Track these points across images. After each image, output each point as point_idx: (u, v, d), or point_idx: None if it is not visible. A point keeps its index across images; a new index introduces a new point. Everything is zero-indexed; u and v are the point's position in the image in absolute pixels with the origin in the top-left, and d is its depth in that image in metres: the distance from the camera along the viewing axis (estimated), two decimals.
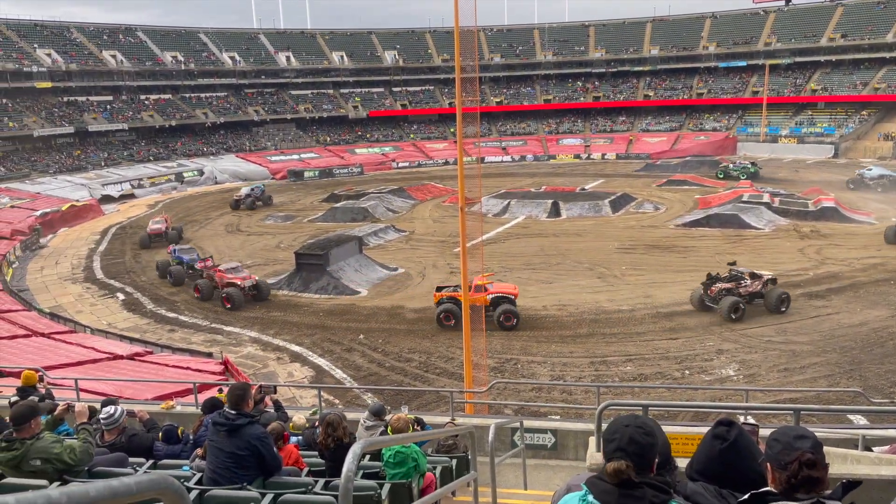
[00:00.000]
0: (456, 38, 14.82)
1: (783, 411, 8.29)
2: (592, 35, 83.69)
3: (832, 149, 62.28)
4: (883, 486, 4.23)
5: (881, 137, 61.93)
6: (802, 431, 2.37)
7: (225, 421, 4.67)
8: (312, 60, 79.16)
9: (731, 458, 2.57)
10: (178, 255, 31.12)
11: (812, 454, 2.26)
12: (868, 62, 68.53)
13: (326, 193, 51.70)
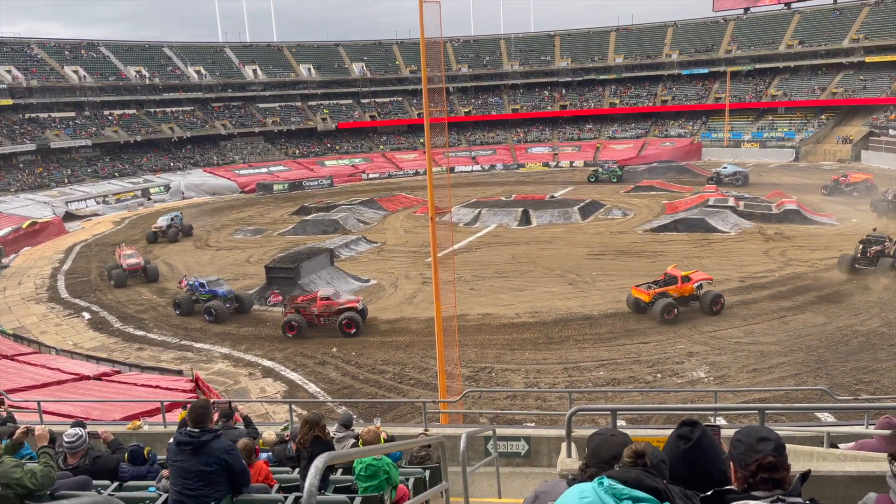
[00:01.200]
0: (422, 49, 14.88)
1: (749, 411, 8.43)
2: (558, 45, 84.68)
3: (793, 153, 63.71)
4: (848, 482, 4.31)
5: (840, 141, 63.53)
6: (765, 433, 2.39)
7: (189, 439, 4.59)
8: (279, 73, 78.77)
9: (694, 458, 2.59)
10: (210, 288, 26.65)
11: (773, 457, 2.28)
12: (825, 68, 70.34)
13: (296, 206, 51.36)
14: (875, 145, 59.70)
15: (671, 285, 23.90)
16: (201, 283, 27.15)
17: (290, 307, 24.45)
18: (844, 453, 5.48)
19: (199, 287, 27.02)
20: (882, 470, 4.61)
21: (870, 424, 8.06)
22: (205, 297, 26.54)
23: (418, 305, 26.40)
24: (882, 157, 57.33)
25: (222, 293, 26.62)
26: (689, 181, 53.51)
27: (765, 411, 4.75)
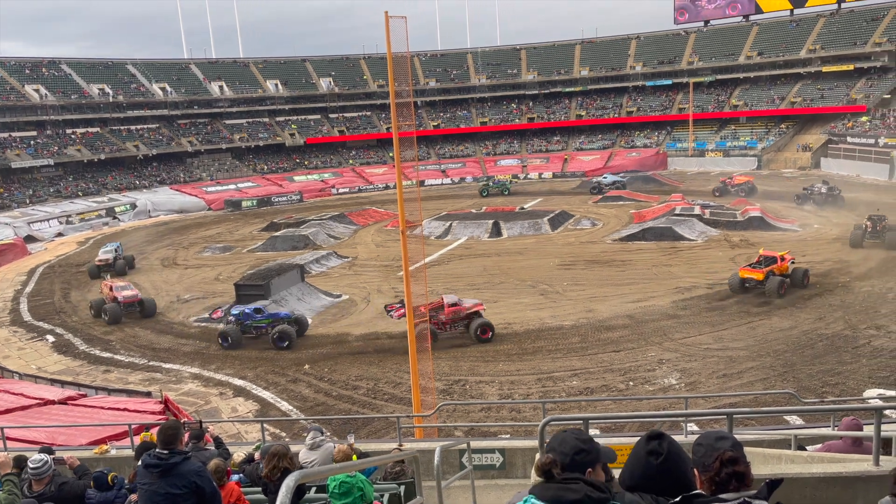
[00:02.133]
0: (389, 64, 14.94)
1: (718, 416, 8.54)
2: (524, 58, 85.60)
3: (756, 161, 65.10)
4: (815, 484, 4.39)
5: (800, 148, 65.10)
6: (722, 433, 2.48)
7: (157, 461, 4.49)
8: (246, 89, 78.29)
9: (668, 469, 2.62)
10: (270, 312, 24.77)
11: (732, 452, 2.36)
12: (784, 78, 72.16)
13: (265, 222, 50.94)
14: (834, 152, 61.30)
15: (773, 264, 26.50)
16: (256, 308, 24.94)
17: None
18: (812, 455, 5.59)
19: (252, 315, 24.70)
20: (847, 471, 4.74)
21: (836, 426, 8.22)
22: (266, 321, 24.49)
23: (391, 320, 26.26)
24: (841, 164, 58.90)
25: (285, 315, 24.96)
26: (655, 191, 54.35)
27: (733, 416, 4.83)
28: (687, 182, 57.45)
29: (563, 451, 2.67)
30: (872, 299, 24.91)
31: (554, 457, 2.59)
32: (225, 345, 24.26)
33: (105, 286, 30.56)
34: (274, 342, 23.90)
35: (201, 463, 4.91)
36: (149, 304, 29.27)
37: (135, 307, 28.83)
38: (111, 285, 29.93)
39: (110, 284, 30.16)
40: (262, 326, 24.61)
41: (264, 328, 24.60)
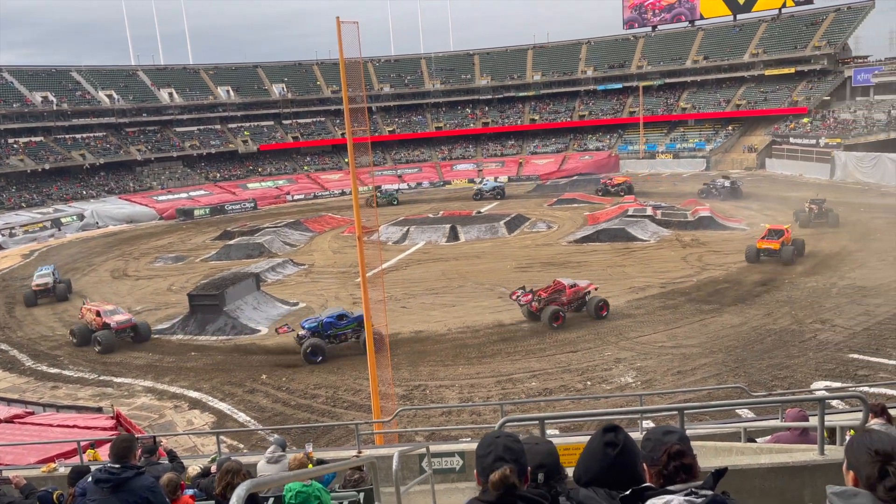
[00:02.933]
0: (342, 69, 14.87)
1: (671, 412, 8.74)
2: (477, 63, 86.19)
3: (704, 162, 66.79)
4: (763, 474, 4.52)
5: (745, 150, 67.07)
6: (670, 428, 2.55)
7: (109, 476, 4.36)
8: (197, 96, 76.94)
9: (623, 462, 2.67)
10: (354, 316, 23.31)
11: (679, 445, 2.42)
12: (729, 81, 74.29)
13: (219, 231, 50.05)
14: (778, 153, 63.32)
15: (783, 236, 30.68)
16: (339, 314, 23.59)
17: (535, 301, 24.65)
18: (761, 447, 5.75)
19: (335, 322, 23.33)
20: (793, 461, 4.90)
21: (784, 418, 8.48)
22: (350, 326, 23.29)
23: None
24: (784, 164, 60.88)
25: (359, 317, 22.83)
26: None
27: (684, 411, 4.95)
28: (638, 184, 58.49)
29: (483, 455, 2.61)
30: (817, 294, 25.78)
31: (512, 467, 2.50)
32: (316, 360, 22.50)
33: (88, 311, 26.98)
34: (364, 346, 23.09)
35: (154, 478, 4.80)
36: (142, 328, 26.47)
37: (127, 332, 26.08)
38: (97, 310, 26.55)
39: (96, 309, 26.68)
40: (346, 332, 23.53)
41: (350, 333, 23.52)
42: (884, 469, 2.15)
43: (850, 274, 28.21)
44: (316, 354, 22.56)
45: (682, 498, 2.30)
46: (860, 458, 2.24)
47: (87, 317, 26.86)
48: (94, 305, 27.68)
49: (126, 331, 26.03)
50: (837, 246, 33.13)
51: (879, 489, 2.14)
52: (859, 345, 20.41)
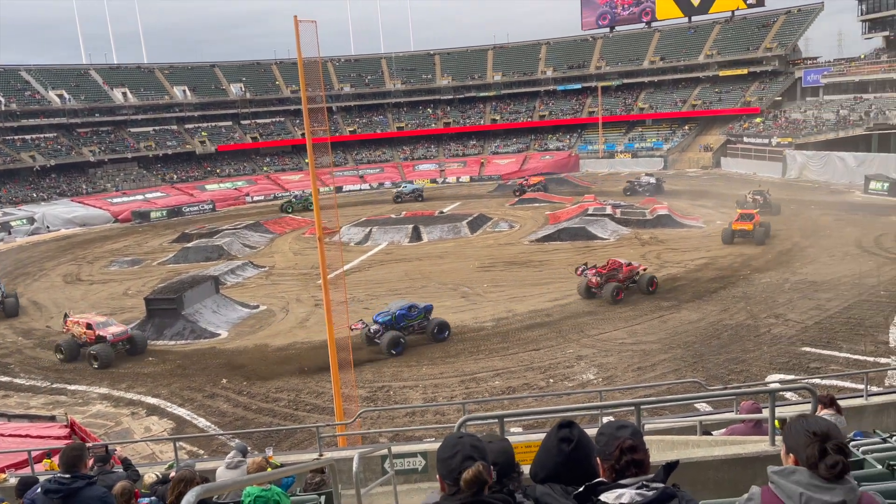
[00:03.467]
0: (300, 69, 14.74)
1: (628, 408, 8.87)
2: (438, 63, 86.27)
3: (662, 161, 68.00)
4: (717, 466, 4.62)
5: (702, 149, 68.49)
6: (623, 423, 2.59)
7: (59, 486, 4.24)
8: (152, 96, 75.34)
9: (578, 457, 2.70)
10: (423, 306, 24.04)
11: (631, 440, 2.46)
12: (685, 82, 75.79)
13: (177, 233, 49.10)
14: (732, 152, 64.82)
15: (754, 219, 34.45)
16: (410, 305, 23.88)
17: (594, 277, 26.62)
18: (715, 439, 5.88)
19: (407, 314, 23.56)
20: (746, 452, 5.02)
21: (738, 411, 8.68)
22: (420, 316, 23.73)
23: (311, 329, 25.89)
24: (739, 163, 62.36)
25: (427, 307, 24.19)
26: (568, 192, 55.88)
27: (640, 406, 5.04)
28: (599, 183, 59.35)
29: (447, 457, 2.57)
30: (771, 290, 26.46)
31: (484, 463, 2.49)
32: (396, 352, 22.58)
33: (76, 324, 24.79)
34: (433, 336, 23.41)
35: (106, 487, 4.68)
36: (139, 339, 24.90)
37: (123, 344, 24.37)
38: (88, 322, 24.53)
39: (86, 321, 24.63)
40: (415, 324, 23.76)
41: (422, 324, 23.80)
42: (823, 448, 2.29)
43: (801, 270, 29.03)
44: (397, 346, 22.70)
45: (634, 491, 2.34)
46: (799, 441, 2.37)
47: (75, 330, 24.75)
48: (81, 317, 25.43)
49: (122, 343, 24.38)
50: (790, 243, 34.08)
51: (821, 467, 2.28)
52: (811, 338, 21.01)
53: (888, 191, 44.57)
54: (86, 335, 24.34)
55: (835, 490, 2.33)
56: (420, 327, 23.84)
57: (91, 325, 24.35)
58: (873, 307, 23.35)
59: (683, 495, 2.39)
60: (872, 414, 10.14)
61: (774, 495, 2.44)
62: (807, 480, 2.34)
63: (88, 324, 24.45)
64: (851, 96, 60.99)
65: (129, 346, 24.51)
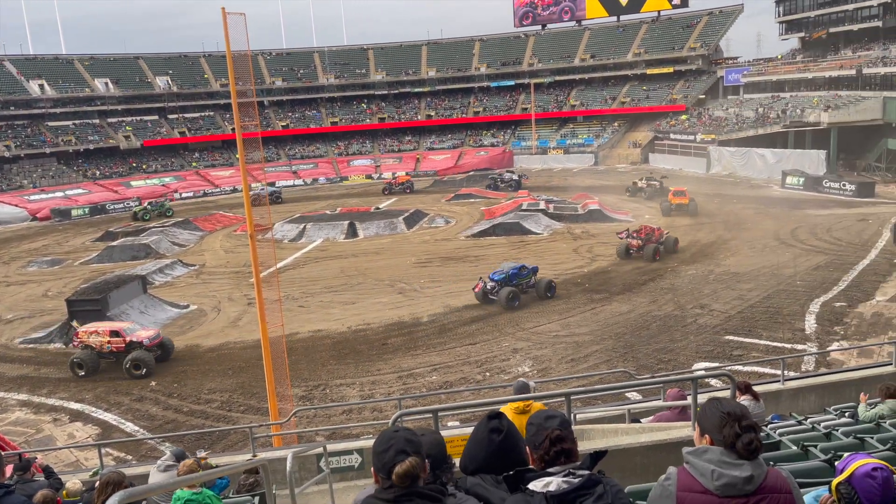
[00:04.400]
0: (229, 62, 14.39)
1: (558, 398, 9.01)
2: (372, 58, 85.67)
3: (593, 157, 69.59)
4: (644, 452, 4.79)
5: (630, 145, 70.43)
6: (552, 413, 2.67)
7: None
8: (72, 88, 71.99)
9: (507, 447, 2.75)
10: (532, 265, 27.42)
11: (559, 430, 2.54)
12: (614, 79, 77.71)
13: (100, 232, 47.18)
14: (660, 148, 66.92)
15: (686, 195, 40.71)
16: (521, 266, 26.72)
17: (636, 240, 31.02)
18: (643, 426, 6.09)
19: (519, 273, 26.26)
20: (671, 438, 5.23)
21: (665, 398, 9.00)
22: (530, 276, 26.60)
23: (244, 328, 25.37)
24: (666, 159, 64.44)
25: (534, 268, 26.73)
26: (503, 187, 56.47)
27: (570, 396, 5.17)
28: (532, 178, 60.17)
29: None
30: (697, 281, 27.50)
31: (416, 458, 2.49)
32: (515, 304, 25.02)
33: (94, 333, 22.46)
34: (542, 293, 25.88)
35: (26, 496, 4.48)
36: (168, 342, 23.09)
37: (156, 349, 22.48)
38: (113, 329, 22.53)
39: (109, 329, 22.55)
40: (524, 282, 26.24)
41: (531, 283, 26.00)
42: (738, 428, 2.45)
43: (725, 261, 30.27)
44: (513, 300, 25.02)
45: (561, 479, 2.41)
46: (713, 422, 2.52)
47: (93, 340, 22.44)
48: (98, 326, 23.00)
49: (155, 347, 22.44)
50: (714, 235, 35.46)
51: (738, 445, 2.44)
52: (734, 327, 21.96)
53: (804, 185, 46.93)
54: (111, 344, 22.27)
55: (743, 465, 2.49)
56: (529, 285, 26.15)
57: (118, 332, 22.42)
58: (790, 296, 24.58)
59: (608, 481, 2.48)
60: (789, 398, 10.69)
61: (689, 474, 2.58)
62: (718, 458, 2.51)
63: (114, 331, 22.48)
64: (769, 95, 63.87)
65: (160, 351, 22.57)
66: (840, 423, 6.65)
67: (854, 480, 2.86)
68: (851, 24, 59.94)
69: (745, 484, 2.49)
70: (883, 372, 11.38)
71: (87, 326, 23.20)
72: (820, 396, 10.81)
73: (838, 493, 2.88)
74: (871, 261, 28.60)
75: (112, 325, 23.10)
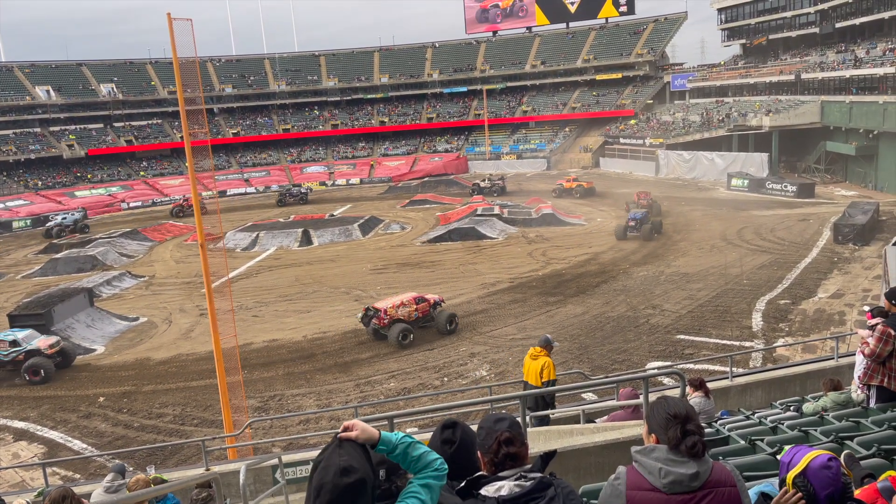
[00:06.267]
0: (175, 69, 14.13)
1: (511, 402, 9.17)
2: (324, 64, 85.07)
3: (545, 162, 70.42)
4: (598, 451, 4.87)
5: (582, 150, 71.51)
6: (502, 416, 2.68)
7: None
8: (11, 96, 69.46)
9: (460, 456, 2.75)
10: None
11: (508, 433, 2.56)
12: (565, 85, 78.85)
13: (44, 243, 45.64)
14: (610, 152, 68.10)
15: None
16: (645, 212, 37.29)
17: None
18: (597, 426, 6.19)
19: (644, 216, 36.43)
20: (623, 437, 5.33)
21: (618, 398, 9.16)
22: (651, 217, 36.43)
23: (197, 339, 24.86)
24: (616, 163, 65.62)
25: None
26: (458, 193, 56.77)
27: (525, 398, 5.22)
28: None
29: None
30: (648, 283, 28.06)
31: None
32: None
33: None
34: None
35: None
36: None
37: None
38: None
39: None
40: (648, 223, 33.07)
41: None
42: (683, 429, 2.52)
43: (675, 262, 30.97)
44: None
45: (512, 483, 2.43)
46: (660, 423, 2.59)
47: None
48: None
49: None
50: (664, 237, 36.24)
51: (682, 447, 2.50)
52: (685, 326, 22.48)
53: (748, 187, 48.37)
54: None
55: (689, 463, 2.57)
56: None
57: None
58: (738, 295, 25.29)
59: (559, 483, 2.51)
60: (737, 394, 10.99)
61: (638, 473, 2.64)
62: (665, 456, 2.58)
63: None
64: (714, 100, 65.69)
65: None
66: (785, 416, 6.88)
67: (809, 472, 2.95)
68: (790, 31, 62.11)
69: (691, 481, 2.57)
70: (825, 366, 11.81)
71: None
72: (766, 391, 11.15)
73: (794, 486, 2.96)
74: (813, 259, 29.65)
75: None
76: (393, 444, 2.34)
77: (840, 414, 6.45)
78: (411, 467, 2.38)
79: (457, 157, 74.11)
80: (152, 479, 6.90)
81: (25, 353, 22.12)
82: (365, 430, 2.29)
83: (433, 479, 2.37)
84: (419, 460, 2.37)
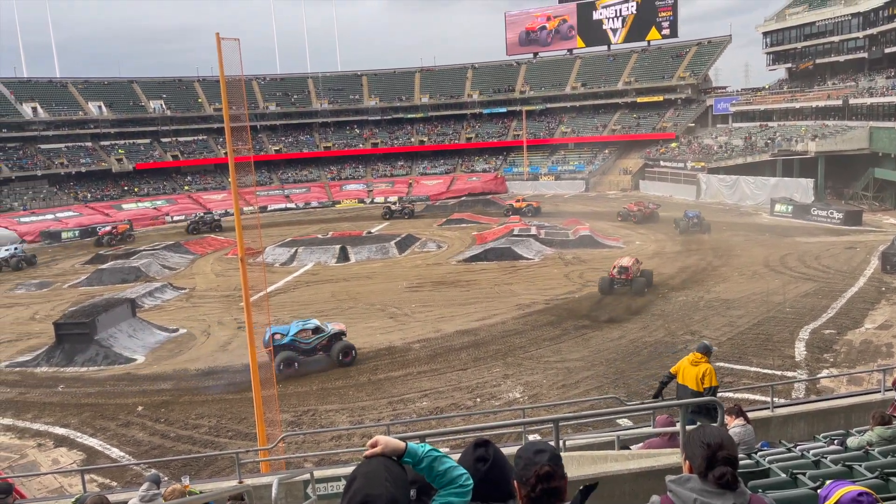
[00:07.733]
0: (222, 86, 14.50)
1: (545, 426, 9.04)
2: (366, 84, 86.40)
3: (584, 184, 70.06)
4: (633, 479, 4.78)
5: (621, 172, 70.98)
6: (541, 446, 2.60)
7: None
8: (65, 111, 72.14)
9: (494, 477, 2.72)
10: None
11: (549, 466, 2.50)
12: (605, 107, 78.61)
13: (90, 254, 46.96)
14: (650, 175, 67.48)
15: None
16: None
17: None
18: (632, 453, 6.08)
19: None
20: (659, 465, 5.21)
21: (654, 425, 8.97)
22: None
23: (233, 352, 25.18)
24: (656, 186, 64.94)
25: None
26: (495, 213, 56.78)
27: (559, 423, 5.16)
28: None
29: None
30: (687, 308, 27.55)
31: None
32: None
33: None
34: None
35: None
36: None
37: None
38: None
39: None
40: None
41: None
42: (713, 459, 2.45)
43: (715, 288, 30.37)
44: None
45: None
46: (694, 451, 2.52)
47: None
48: None
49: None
50: (704, 262, 35.62)
51: (710, 476, 2.43)
52: (724, 354, 21.95)
53: (792, 213, 47.34)
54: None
55: (725, 495, 2.48)
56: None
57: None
58: (780, 323, 24.64)
59: None
60: (778, 425, 10.68)
61: (672, 503, 2.57)
62: (700, 487, 2.50)
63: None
64: (757, 124, 64.69)
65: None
66: (829, 450, 6.66)
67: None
68: (837, 56, 60.98)
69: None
70: (872, 399, 11.42)
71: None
72: (809, 424, 10.81)
73: None
74: (860, 288, 28.77)
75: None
76: (419, 455, 2.35)
77: (886, 449, 6.22)
78: (436, 481, 2.38)
79: (494, 176, 74.26)
80: (186, 490, 6.99)
81: (329, 337, 23.48)
82: (388, 444, 2.31)
83: (455, 495, 2.36)
84: (445, 475, 2.36)
